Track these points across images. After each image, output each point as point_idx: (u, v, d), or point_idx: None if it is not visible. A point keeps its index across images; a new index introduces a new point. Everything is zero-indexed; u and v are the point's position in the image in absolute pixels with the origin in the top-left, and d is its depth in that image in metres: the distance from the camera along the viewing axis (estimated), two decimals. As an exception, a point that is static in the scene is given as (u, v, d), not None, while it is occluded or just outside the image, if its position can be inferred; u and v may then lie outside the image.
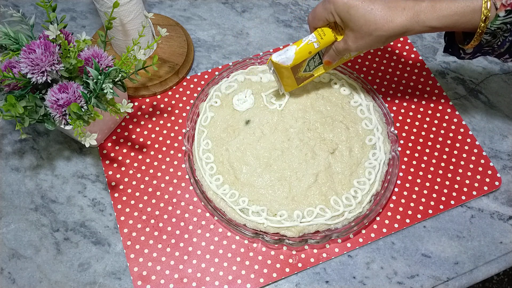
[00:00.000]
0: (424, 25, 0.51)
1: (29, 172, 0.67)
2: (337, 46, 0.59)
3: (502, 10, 0.49)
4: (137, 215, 0.64)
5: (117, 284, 0.60)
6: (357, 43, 0.55)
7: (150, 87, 0.72)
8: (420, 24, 0.51)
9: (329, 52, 0.61)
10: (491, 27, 0.50)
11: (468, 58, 0.57)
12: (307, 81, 0.66)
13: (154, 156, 0.68)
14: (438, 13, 0.51)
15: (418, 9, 0.51)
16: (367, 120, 0.67)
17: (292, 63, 0.60)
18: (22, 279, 0.60)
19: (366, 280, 0.60)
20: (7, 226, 0.64)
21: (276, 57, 0.60)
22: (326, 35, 0.58)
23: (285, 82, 0.65)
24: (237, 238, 0.62)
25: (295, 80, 0.64)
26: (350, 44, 0.56)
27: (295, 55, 0.59)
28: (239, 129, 0.67)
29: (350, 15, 0.53)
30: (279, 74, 0.63)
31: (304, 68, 0.62)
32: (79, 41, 0.59)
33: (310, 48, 0.59)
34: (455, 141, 0.69)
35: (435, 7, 0.51)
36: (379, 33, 0.53)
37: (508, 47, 0.52)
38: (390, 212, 0.64)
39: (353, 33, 0.55)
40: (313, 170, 0.63)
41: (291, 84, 0.65)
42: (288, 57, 0.60)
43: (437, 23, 0.51)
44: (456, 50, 0.57)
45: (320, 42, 0.59)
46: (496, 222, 0.64)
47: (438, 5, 0.51)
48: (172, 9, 0.82)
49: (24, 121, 0.56)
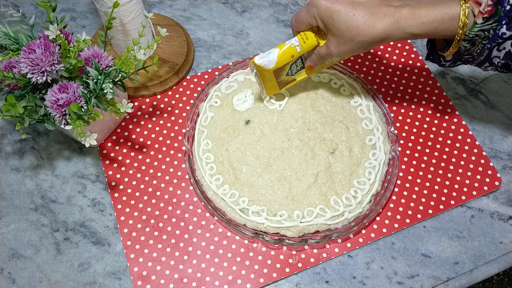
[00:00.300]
0: (404, 31, 0.52)
1: (29, 172, 0.67)
2: (319, 51, 0.59)
3: (480, 17, 0.49)
4: (137, 215, 0.64)
5: (117, 284, 0.60)
6: (339, 48, 0.55)
7: (150, 87, 0.72)
8: (401, 30, 0.52)
9: (311, 56, 0.61)
10: (469, 34, 0.50)
11: (448, 65, 0.57)
12: (289, 85, 0.65)
13: (154, 156, 0.68)
14: (418, 20, 0.51)
15: (399, 16, 0.51)
16: (367, 120, 0.67)
17: (275, 66, 0.60)
18: (22, 279, 0.60)
19: (366, 280, 0.60)
20: (7, 226, 0.64)
21: (259, 60, 0.60)
22: (308, 39, 0.58)
23: (267, 86, 0.64)
24: (237, 238, 0.62)
25: (277, 84, 0.64)
26: (332, 49, 0.56)
27: (278, 58, 0.59)
28: (239, 129, 0.67)
29: (333, 19, 0.53)
30: (261, 77, 0.63)
31: (286, 72, 0.62)
32: (79, 41, 0.59)
33: (292, 52, 0.59)
34: (455, 141, 0.69)
35: (415, 14, 0.51)
36: (360, 39, 0.53)
37: (487, 54, 0.52)
38: (390, 212, 0.64)
39: (335, 38, 0.55)
40: (313, 170, 0.63)
41: (273, 87, 0.65)
42: (270, 60, 0.59)
43: (417, 30, 0.51)
44: (436, 57, 0.58)
45: (302, 46, 0.58)
46: (496, 222, 0.64)
47: (418, 12, 0.51)
48: (172, 9, 0.82)
49: (24, 121, 0.56)
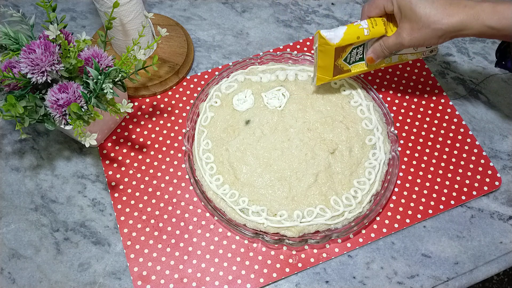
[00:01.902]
0: (483, 24, 0.52)
1: (29, 172, 0.67)
2: (386, 41, 0.58)
3: None
4: (137, 215, 0.64)
5: (117, 284, 0.60)
6: (412, 35, 0.55)
7: (150, 87, 0.72)
8: (480, 22, 0.52)
9: (374, 47, 0.60)
10: None
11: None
12: (342, 76, 0.64)
13: (154, 156, 0.68)
14: (499, 15, 0.51)
15: (479, 8, 0.52)
16: (367, 120, 0.67)
17: (338, 43, 0.58)
18: (22, 279, 0.60)
19: (366, 280, 0.60)
20: (7, 226, 0.64)
21: (325, 32, 0.58)
22: (377, 25, 0.57)
23: (322, 67, 0.62)
24: (237, 238, 0.62)
25: (333, 67, 0.61)
26: (404, 36, 0.56)
27: (344, 35, 0.58)
28: (239, 129, 0.67)
29: (411, 4, 0.53)
30: (319, 55, 0.61)
31: (345, 56, 0.60)
32: (79, 41, 0.59)
33: (359, 33, 0.57)
34: (455, 141, 0.69)
35: (496, 8, 0.51)
36: (437, 26, 0.53)
37: None
38: (390, 212, 0.64)
39: (410, 24, 0.54)
40: (313, 170, 0.63)
41: (327, 71, 0.62)
42: (336, 35, 0.58)
43: (496, 23, 0.51)
44: (510, 62, 0.58)
45: (370, 30, 0.57)
46: (496, 222, 0.64)
47: (499, 7, 0.51)
48: (172, 9, 0.82)
49: (24, 121, 0.56)
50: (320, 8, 0.82)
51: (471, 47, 0.78)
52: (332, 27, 0.80)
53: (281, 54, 0.72)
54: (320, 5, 0.82)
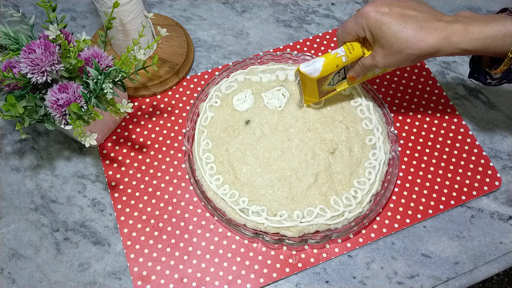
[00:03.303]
0: (455, 47, 0.51)
1: (29, 172, 0.67)
2: (364, 61, 0.58)
3: None
4: (137, 215, 0.64)
5: (117, 284, 0.60)
6: (386, 60, 0.55)
7: (150, 87, 0.72)
8: (452, 45, 0.51)
9: (354, 67, 0.60)
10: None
11: (494, 84, 0.57)
12: (328, 96, 0.65)
13: (154, 156, 0.68)
14: (470, 36, 0.50)
15: (451, 31, 0.51)
16: (367, 120, 0.67)
17: (319, 75, 0.59)
18: (22, 279, 0.60)
19: (366, 280, 0.60)
20: (7, 226, 0.64)
21: (304, 68, 0.59)
22: (354, 49, 0.58)
23: (307, 94, 0.64)
24: (237, 238, 0.62)
25: (318, 93, 0.63)
26: (378, 60, 0.56)
27: (323, 67, 0.59)
28: (239, 129, 0.67)
29: (382, 31, 0.53)
30: (303, 85, 0.63)
31: (328, 82, 0.62)
32: (79, 41, 0.59)
33: (338, 62, 0.58)
34: (455, 141, 0.69)
35: (467, 29, 0.50)
36: (409, 52, 0.52)
37: None
38: (390, 212, 0.64)
39: (382, 49, 0.54)
40: (313, 170, 0.63)
41: (312, 96, 0.64)
42: (315, 68, 0.59)
43: (468, 45, 0.51)
44: (482, 75, 0.58)
45: (348, 56, 0.58)
46: (496, 222, 0.64)
47: (470, 28, 0.50)
48: (172, 9, 0.82)
49: (24, 121, 0.56)
50: (320, 8, 0.82)
51: (471, 47, 0.78)
52: (332, 27, 0.80)
53: (281, 54, 0.72)
54: (320, 5, 0.82)
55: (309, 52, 0.76)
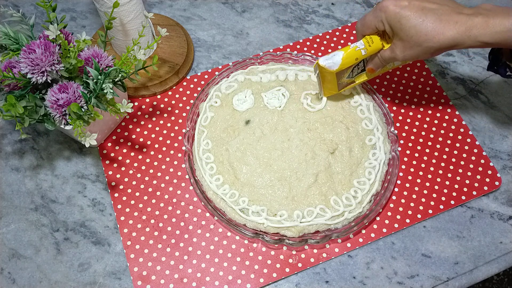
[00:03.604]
0: (476, 40, 0.51)
1: (29, 172, 0.67)
2: (383, 54, 0.58)
3: None
4: (137, 215, 0.64)
5: (117, 284, 0.60)
6: (405, 52, 0.55)
7: (150, 87, 0.72)
8: (472, 38, 0.51)
9: (373, 60, 0.60)
10: None
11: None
12: (347, 87, 0.66)
13: (154, 156, 0.68)
14: (491, 29, 0.50)
15: (471, 24, 0.51)
16: (367, 120, 0.67)
17: (338, 69, 0.59)
18: (22, 279, 0.60)
19: (366, 280, 0.60)
20: (7, 226, 0.64)
21: (323, 61, 0.60)
22: (374, 42, 0.58)
23: (326, 86, 0.65)
24: (237, 238, 0.62)
25: (337, 85, 0.64)
26: (397, 53, 0.56)
27: (342, 60, 0.59)
28: (239, 129, 0.67)
29: (401, 24, 0.53)
30: (322, 78, 0.63)
31: (348, 74, 0.62)
32: (79, 41, 0.59)
33: (357, 55, 0.59)
34: (455, 141, 0.69)
35: (488, 22, 0.50)
36: (428, 44, 0.52)
37: None
38: (390, 212, 0.64)
39: (402, 42, 0.54)
40: (313, 170, 0.63)
41: (332, 88, 0.65)
42: (334, 62, 0.59)
43: (489, 38, 0.51)
44: (502, 68, 0.57)
45: (367, 49, 0.58)
46: (496, 222, 0.64)
47: (491, 21, 0.50)
48: (172, 9, 0.82)
49: (24, 121, 0.56)
50: (320, 8, 0.82)
51: (471, 47, 0.78)
52: (332, 27, 0.80)
53: (281, 54, 0.72)
54: (320, 5, 0.82)
55: (309, 52, 0.76)
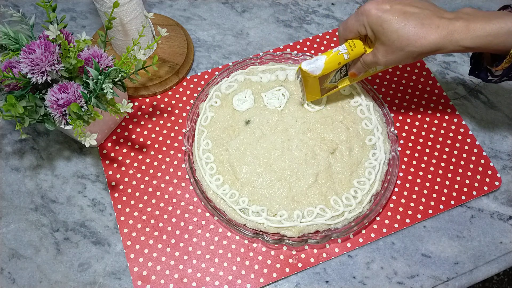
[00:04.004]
0: (457, 44, 0.51)
1: (29, 172, 0.67)
2: (365, 58, 0.58)
3: None
4: (137, 215, 0.64)
5: (117, 284, 0.60)
6: (387, 57, 0.55)
7: (150, 87, 0.72)
8: (453, 43, 0.51)
9: (356, 64, 0.60)
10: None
11: (495, 81, 0.57)
12: (330, 93, 0.65)
13: (154, 156, 0.68)
14: (472, 33, 0.50)
15: (452, 28, 0.51)
16: (367, 120, 0.67)
17: (321, 73, 0.59)
18: (22, 279, 0.60)
19: (366, 280, 0.60)
20: (7, 226, 0.64)
21: (306, 66, 0.59)
22: (356, 47, 0.58)
23: (308, 91, 0.64)
24: (237, 238, 0.62)
25: (320, 90, 0.64)
26: (379, 58, 0.56)
27: (325, 65, 0.59)
28: (239, 129, 0.67)
29: (383, 29, 0.52)
30: (305, 83, 0.63)
31: (330, 79, 0.62)
32: (79, 41, 0.59)
33: (339, 59, 0.59)
34: (455, 141, 0.69)
35: (469, 27, 0.50)
36: (410, 49, 0.52)
37: None
38: (390, 212, 0.64)
39: (383, 47, 0.54)
40: (313, 170, 0.63)
41: (314, 93, 0.64)
42: (317, 66, 0.59)
43: (470, 43, 0.51)
44: (483, 72, 0.57)
45: (350, 53, 0.58)
46: (496, 222, 0.64)
47: (472, 25, 0.50)
48: (172, 9, 0.82)
49: (24, 121, 0.56)
50: (320, 8, 0.82)
51: (471, 47, 0.78)
52: (332, 27, 0.80)
53: (281, 54, 0.72)
54: (320, 5, 0.82)
55: (309, 52, 0.76)
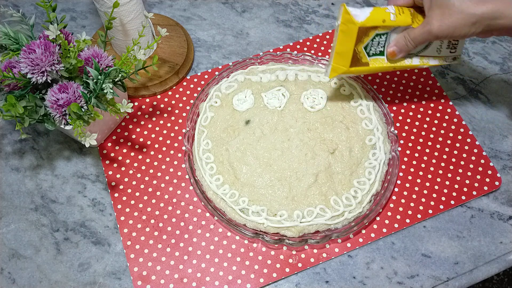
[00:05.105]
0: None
1: (29, 172, 0.67)
2: (412, 31, 0.55)
3: None
4: (137, 215, 0.64)
5: (117, 284, 0.60)
6: (443, 21, 0.51)
7: (150, 87, 0.72)
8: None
9: (398, 39, 0.56)
10: None
11: None
12: (359, 69, 0.59)
13: (154, 156, 0.68)
14: None
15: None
16: (367, 120, 0.67)
17: (363, 23, 0.54)
18: (22, 279, 0.60)
19: (366, 280, 0.60)
20: (7, 226, 0.64)
21: (350, 8, 0.55)
22: (404, 13, 0.54)
23: (338, 56, 0.58)
24: (237, 238, 0.62)
25: (352, 53, 0.57)
26: (433, 23, 0.52)
27: (370, 15, 0.54)
28: (239, 129, 0.67)
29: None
30: (339, 36, 0.56)
31: (367, 43, 0.56)
32: (79, 41, 0.59)
33: (385, 17, 0.54)
34: (455, 141, 0.69)
35: None
36: (470, 11, 0.50)
37: None
38: (390, 212, 0.64)
39: (441, 10, 0.51)
40: (313, 170, 0.63)
41: (343, 61, 0.58)
42: (362, 13, 0.54)
43: None
44: None
45: (397, 16, 0.54)
46: (496, 222, 0.64)
47: None
48: (172, 9, 0.82)
49: (24, 121, 0.56)
50: (320, 8, 0.82)
51: (471, 47, 0.78)
52: (332, 27, 0.80)
53: (281, 54, 0.72)
54: (320, 5, 0.82)
55: (309, 52, 0.76)
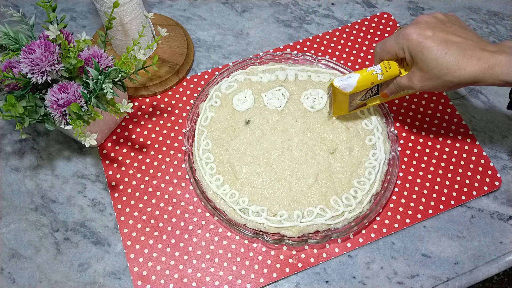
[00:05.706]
0: (497, 78, 0.50)
1: (29, 172, 0.67)
2: (399, 81, 0.57)
3: None
4: (137, 215, 0.64)
5: (117, 284, 0.60)
6: (423, 83, 0.54)
7: (150, 87, 0.72)
8: (493, 77, 0.50)
9: (389, 85, 0.60)
10: None
11: None
12: (358, 109, 0.65)
13: (154, 156, 0.68)
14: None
15: (494, 62, 0.49)
16: (367, 120, 0.67)
17: (352, 91, 0.59)
18: (22, 279, 0.60)
19: (366, 280, 0.60)
20: (7, 226, 0.64)
21: (338, 83, 0.59)
22: (391, 68, 0.57)
23: (336, 106, 0.64)
24: (237, 238, 0.62)
25: (348, 106, 0.63)
26: (415, 83, 0.55)
27: (357, 83, 0.58)
28: (239, 129, 0.67)
29: (423, 55, 0.51)
30: (334, 98, 0.62)
31: (360, 97, 0.62)
32: (79, 41, 0.59)
33: (373, 79, 0.58)
34: (455, 141, 0.69)
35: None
36: (448, 79, 0.51)
37: None
38: (390, 212, 0.64)
39: (421, 72, 0.53)
40: (313, 170, 0.63)
41: (342, 109, 0.64)
42: (349, 84, 0.59)
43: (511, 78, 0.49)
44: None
45: (384, 74, 0.58)
46: (496, 222, 0.64)
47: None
48: (172, 9, 0.82)
49: (24, 121, 0.56)
50: (320, 8, 0.82)
51: (471, 47, 0.78)
52: (332, 27, 0.80)
53: (281, 54, 0.72)
54: (320, 5, 0.82)
55: (309, 52, 0.76)
